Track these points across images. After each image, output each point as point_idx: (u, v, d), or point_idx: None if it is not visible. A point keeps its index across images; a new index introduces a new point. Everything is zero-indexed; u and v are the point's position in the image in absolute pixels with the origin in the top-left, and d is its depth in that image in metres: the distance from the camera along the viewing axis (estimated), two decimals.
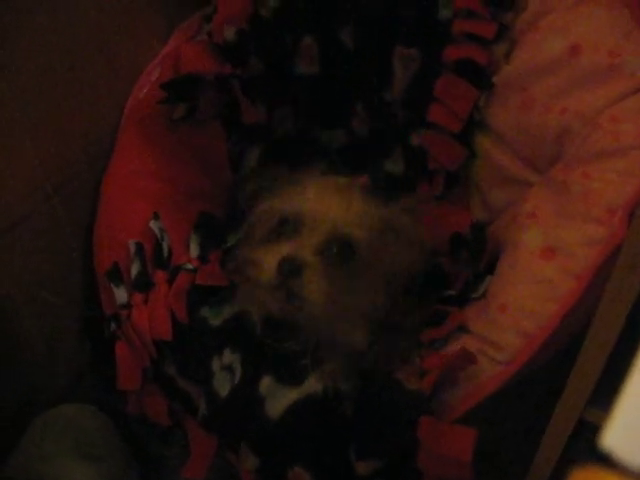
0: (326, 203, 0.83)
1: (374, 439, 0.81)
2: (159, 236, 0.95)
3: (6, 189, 0.89)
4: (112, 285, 0.93)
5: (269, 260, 0.79)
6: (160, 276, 0.93)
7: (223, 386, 0.88)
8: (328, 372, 0.86)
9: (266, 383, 0.86)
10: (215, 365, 0.89)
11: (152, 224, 0.96)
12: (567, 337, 0.83)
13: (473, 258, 0.96)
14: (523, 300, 0.84)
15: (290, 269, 0.77)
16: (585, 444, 0.82)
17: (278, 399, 0.85)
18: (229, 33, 1.01)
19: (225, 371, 0.88)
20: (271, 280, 0.79)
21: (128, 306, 0.92)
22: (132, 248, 0.94)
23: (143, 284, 0.93)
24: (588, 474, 0.41)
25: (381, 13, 1.08)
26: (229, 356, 0.89)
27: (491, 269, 0.92)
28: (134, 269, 0.93)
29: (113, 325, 0.93)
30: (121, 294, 0.93)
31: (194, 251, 0.96)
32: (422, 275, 0.93)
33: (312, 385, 0.85)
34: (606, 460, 0.41)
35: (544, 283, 0.83)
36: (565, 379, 0.79)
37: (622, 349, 0.67)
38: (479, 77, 1.02)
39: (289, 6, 1.05)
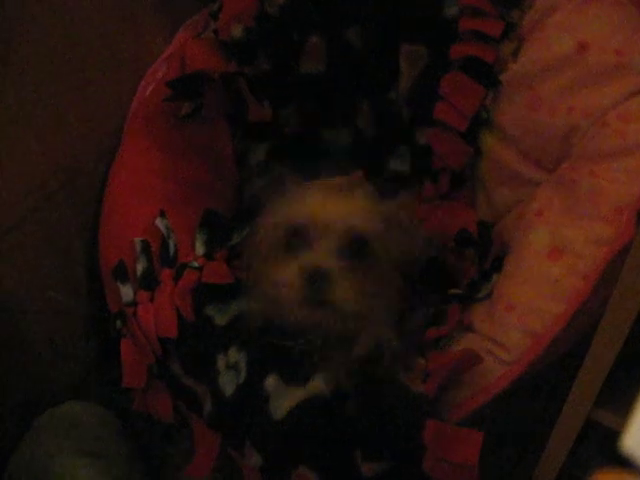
0: (331, 207, 0.82)
1: (379, 441, 0.81)
2: (165, 234, 0.95)
3: (11, 186, 0.89)
4: (118, 283, 0.93)
5: (290, 275, 0.78)
6: (166, 274, 0.93)
7: (228, 385, 0.87)
8: (333, 371, 0.86)
9: (271, 382, 0.86)
10: (220, 363, 0.88)
11: (158, 222, 0.96)
12: (574, 337, 0.83)
13: (479, 255, 0.95)
14: (530, 300, 0.83)
15: (319, 279, 0.75)
16: (594, 446, 0.82)
17: (283, 398, 0.84)
18: (236, 30, 1.01)
19: (230, 369, 0.88)
20: (298, 295, 0.77)
21: (134, 304, 0.92)
22: (138, 246, 0.94)
23: (149, 282, 0.93)
24: (609, 477, 0.41)
25: (387, 11, 1.08)
26: (234, 354, 0.88)
27: (497, 268, 0.92)
28: (140, 267, 0.93)
29: (119, 323, 0.93)
30: (127, 292, 0.93)
31: (200, 249, 0.95)
32: (422, 265, 0.92)
33: (318, 385, 0.85)
34: (626, 464, 0.41)
35: (551, 283, 0.82)
36: (571, 380, 0.79)
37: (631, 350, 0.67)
38: (486, 75, 1.01)
39: (296, 3, 1.05)
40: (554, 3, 0.97)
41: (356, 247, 0.80)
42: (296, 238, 0.81)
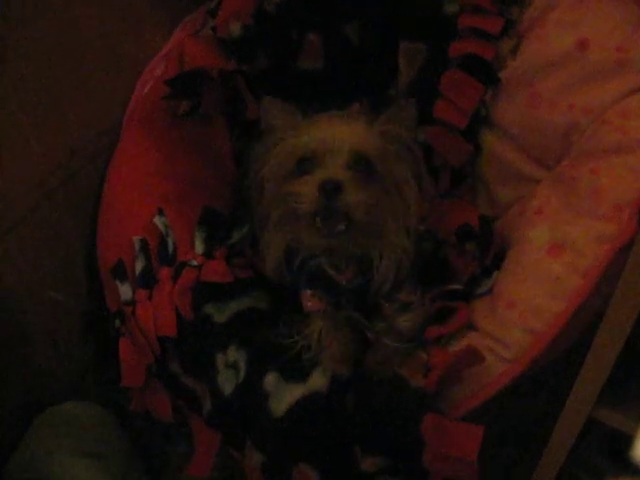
0: (336, 132, 0.84)
1: (379, 436, 0.81)
2: (164, 232, 0.95)
3: (10, 185, 0.89)
4: (116, 281, 0.93)
5: (308, 188, 0.80)
6: (165, 272, 0.92)
7: (228, 383, 0.87)
8: (331, 358, 0.86)
9: (271, 380, 0.86)
10: (219, 362, 0.88)
11: (157, 220, 0.95)
12: (574, 335, 0.83)
13: (480, 250, 0.95)
14: (530, 297, 0.83)
15: (333, 188, 0.78)
16: (595, 444, 0.82)
17: (283, 396, 0.85)
18: (235, 28, 1.00)
19: (230, 368, 0.88)
20: (315, 206, 0.80)
21: (132, 302, 0.92)
22: (137, 244, 0.94)
23: (147, 280, 0.93)
24: None
25: (386, 8, 1.07)
26: (234, 353, 0.88)
27: (498, 265, 0.91)
28: (138, 265, 0.93)
29: (117, 322, 0.93)
30: (125, 290, 0.93)
31: (199, 248, 0.95)
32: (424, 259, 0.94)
33: (317, 381, 0.85)
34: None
35: (552, 280, 0.82)
36: (572, 377, 0.79)
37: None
38: (485, 72, 1.01)
39: (293, 1, 1.05)
40: (554, 0, 0.96)
41: (361, 164, 0.83)
42: (308, 162, 0.84)
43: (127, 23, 1.07)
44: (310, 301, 0.90)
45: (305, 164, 0.84)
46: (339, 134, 0.84)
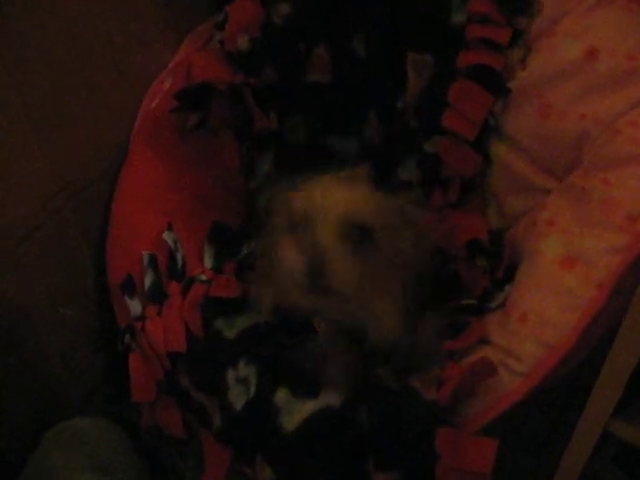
0: (333, 194, 0.81)
1: (391, 450, 0.80)
2: (173, 247, 0.95)
3: (17, 201, 0.89)
4: (126, 297, 0.93)
5: (291, 259, 0.78)
6: (174, 287, 0.92)
7: (238, 399, 0.87)
8: (344, 381, 0.85)
9: (281, 395, 0.85)
10: (230, 377, 0.88)
11: (165, 235, 0.95)
12: (588, 348, 0.82)
13: (491, 265, 0.94)
14: (544, 310, 0.82)
15: (318, 264, 0.75)
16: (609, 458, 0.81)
17: (294, 411, 0.84)
18: (242, 42, 1.00)
19: (240, 383, 0.88)
20: (299, 278, 0.77)
21: (142, 318, 0.92)
22: (145, 259, 0.94)
23: (157, 296, 0.92)
24: None
25: (393, 19, 1.07)
26: (244, 368, 0.88)
27: (510, 278, 0.91)
28: (147, 280, 0.93)
29: (127, 337, 0.93)
30: (135, 306, 0.93)
31: (208, 262, 0.95)
32: (434, 274, 0.91)
33: (328, 397, 0.84)
34: None
35: (565, 293, 0.81)
36: (586, 389, 0.78)
37: None
38: (494, 83, 1.01)
39: (301, 14, 1.05)
40: (562, 9, 0.96)
41: (357, 233, 0.79)
42: (298, 224, 0.80)
43: (134, 37, 1.07)
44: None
45: (296, 227, 0.81)
46: (336, 196, 0.81)
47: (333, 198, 0.80)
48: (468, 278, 0.95)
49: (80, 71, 0.97)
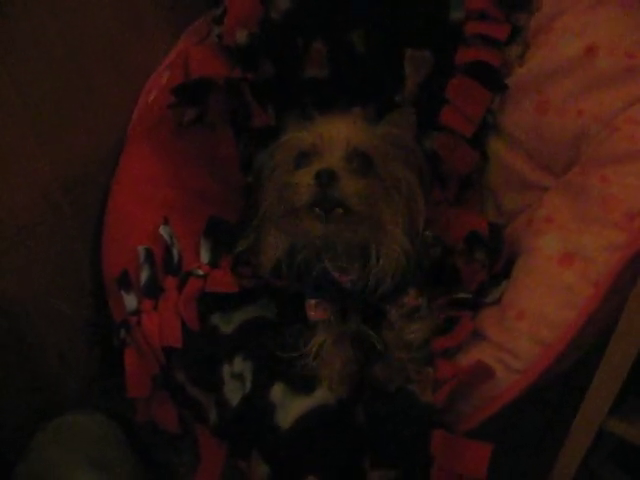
0: (336, 128, 0.84)
1: (387, 449, 0.80)
2: (169, 242, 0.95)
3: (15, 196, 0.89)
4: (122, 291, 0.93)
5: (303, 179, 0.80)
6: (170, 282, 0.92)
7: (234, 394, 0.87)
8: (329, 378, 0.86)
9: (277, 391, 0.85)
10: (225, 373, 0.88)
11: (162, 230, 0.95)
12: (585, 345, 0.82)
13: (490, 258, 0.94)
14: (541, 307, 0.82)
15: (328, 176, 0.78)
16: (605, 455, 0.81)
17: (290, 407, 0.84)
18: (241, 36, 1.00)
19: (236, 379, 0.88)
20: (311, 196, 0.79)
21: (138, 313, 0.92)
22: (141, 254, 0.93)
23: (153, 290, 0.92)
24: None
25: (391, 15, 1.06)
26: (240, 364, 0.88)
27: (507, 273, 0.90)
28: (143, 275, 0.93)
29: (122, 332, 0.92)
30: (130, 301, 0.93)
31: (205, 257, 0.95)
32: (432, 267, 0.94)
33: (325, 393, 0.84)
34: None
35: (562, 290, 0.81)
36: (579, 389, 0.78)
37: None
38: (492, 79, 1.00)
39: (300, 9, 1.04)
40: (561, 6, 0.95)
41: (360, 159, 0.83)
42: (306, 156, 0.84)
43: (132, 31, 1.07)
44: (314, 311, 0.90)
45: (304, 158, 0.84)
46: (338, 130, 0.84)
47: (338, 130, 0.84)
48: (466, 271, 0.95)
49: (79, 68, 0.97)
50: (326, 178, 0.78)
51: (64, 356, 1.00)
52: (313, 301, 0.90)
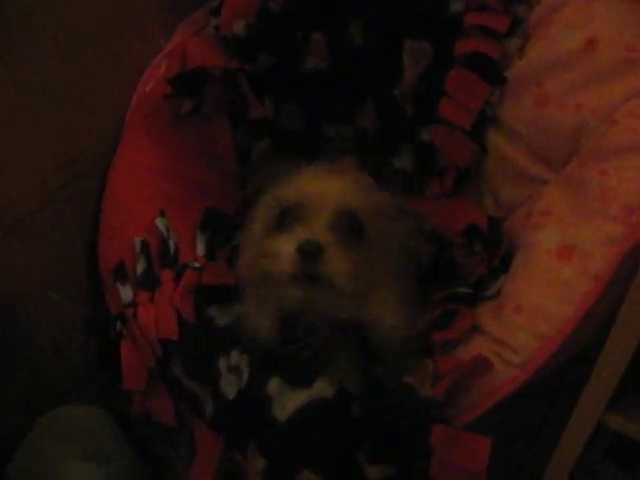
0: (324, 185, 0.81)
1: (385, 444, 0.79)
2: (165, 234, 0.94)
3: (11, 186, 0.88)
4: (118, 283, 0.92)
5: (285, 248, 0.76)
6: (166, 274, 0.92)
7: (230, 387, 0.86)
8: (337, 373, 0.85)
9: (274, 384, 0.85)
10: (222, 365, 0.87)
11: (158, 221, 0.95)
12: (584, 339, 0.82)
13: (488, 252, 0.94)
14: (539, 301, 0.82)
15: (311, 251, 0.74)
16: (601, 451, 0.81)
17: (286, 401, 0.83)
18: (239, 27, 1.00)
19: (232, 372, 0.87)
20: (292, 268, 0.75)
21: (134, 305, 0.91)
22: (138, 246, 0.93)
23: (149, 282, 0.92)
24: None
25: (390, 7, 1.06)
26: (236, 356, 0.87)
27: (506, 267, 0.90)
28: (140, 267, 0.92)
29: (119, 324, 0.92)
30: (127, 293, 0.92)
31: (201, 249, 0.94)
32: (428, 261, 0.91)
33: (322, 387, 0.84)
34: None
35: (561, 284, 0.81)
36: (580, 381, 0.78)
37: None
38: (491, 72, 1.00)
39: (298, 0, 1.03)
40: None
41: (349, 224, 0.79)
42: (289, 216, 0.79)
43: (128, 22, 1.06)
44: None
45: (286, 219, 0.79)
46: (327, 188, 0.80)
47: (324, 190, 0.79)
48: (464, 265, 0.95)
49: (74, 57, 0.96)
50: (310, 253, 0.74)
51: (60, 348, 0.99)
52: None
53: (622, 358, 0.66)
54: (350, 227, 0.79)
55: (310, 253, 0.74)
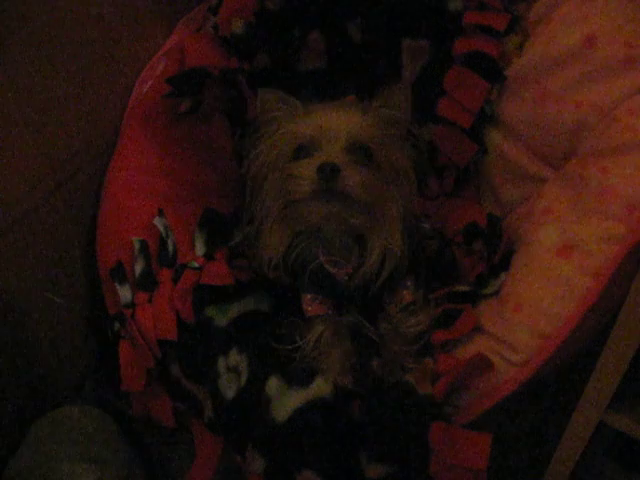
0: (334, 119, 0.87)
1: (385, 443, 0.79)
2: (164, 233, 0.94)
3: (7, 186, 0.88)
4: (116, 284, 0.92)
5: (305, 171, 0.83)
6: (165, 274, 0.91)
7: (229, 387, 0.86)
8: (334, 370, 0.85)
9: (273, 384, 0.84)
10: (221, 366, 0.87)
11: (156, 221, 0.94)
12: (585, 338, 0.81)
13: (488, 250, 0.93)
14: (539, 299, 0.81)
15: (331, 169, 0.81)
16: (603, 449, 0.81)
17: (285, 401, 0.83)
18: (237, 26, 0.99)
19: (231, 372, 0.87)
20: (314, 186, 0.82)
21: (132, 305, 0.91)
22: (136, 245, 0.92)
23: (147, 283, 0.91)
24: None
25: (389, 5, 1.06)
26: (235, 357, 0.87)
27: (506, 265, 0.90)
28: (138, 267, 0.92)
29: (117, 325, 0.92)
30: (125, 293, 0.92)
31: (199, 249, 0.94)
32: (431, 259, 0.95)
33: (321, 387, 0.83)
34: None
35: (561, 282, 0.81)
36: (581, 379, 0.77)
37: None
38: (490, 70, 1.00)
39: None
40: None
41: (359, 150, 0.85)
42: (305, 149, 0.86)
43: (126, 21, 1.06)
44: (310, 306, 0.90)
45: (303, 151, 0.86)
46: (336, 122, 0.86)
47: (336, 122, 0.86)
48: (464, 263, 0.95)
49: (71, 56, 0.96)
50: (329, 171, 0.81)
51: (58, 349, 0.99)
52: (309, 296, 0.90)
53: (624, 356, 0.66)
54: (361, 152, 0.85)
55: (329, 172, 0.80)
